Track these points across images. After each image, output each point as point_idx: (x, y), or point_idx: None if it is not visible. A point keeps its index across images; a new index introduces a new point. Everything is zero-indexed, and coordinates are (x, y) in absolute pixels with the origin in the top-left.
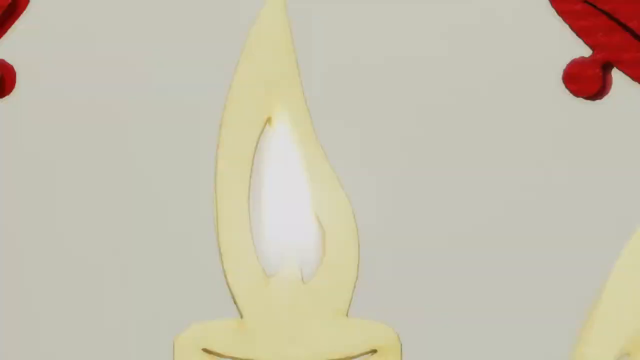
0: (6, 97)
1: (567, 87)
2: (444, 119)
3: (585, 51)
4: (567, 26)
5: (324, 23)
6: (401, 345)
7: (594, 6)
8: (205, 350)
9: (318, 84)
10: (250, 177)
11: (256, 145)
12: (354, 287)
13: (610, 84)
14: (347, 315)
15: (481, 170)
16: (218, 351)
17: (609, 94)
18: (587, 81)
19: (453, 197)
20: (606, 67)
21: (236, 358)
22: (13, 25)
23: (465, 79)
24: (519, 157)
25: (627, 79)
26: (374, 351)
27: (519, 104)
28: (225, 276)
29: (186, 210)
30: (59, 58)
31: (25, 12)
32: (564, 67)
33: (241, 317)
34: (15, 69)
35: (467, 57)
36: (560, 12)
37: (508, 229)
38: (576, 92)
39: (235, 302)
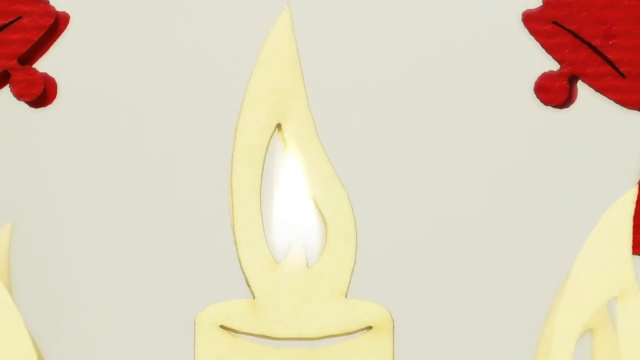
0: (48, 105)
1: (538, 96)
2: (432, 123)
3: (553, 65)
4: (538, 44)
5: (325, 41)
6: (393, 322)
7: (562, 26)
8: (222, 327)
9: (320, 93)
10: (262, 176)
11: (266, 148)
12: (352, 271)
13: (576, 94)
14: (345, 296)
15: (462, 167)
16: (233, 327)
17: (575, 103)
18: (555, 92)
19: (437, 193)
20: (572, 80)
21: (249, 333)
22: (55, 43)
23: (451, 89)
24: (495, 156)
25: (591, 90)
26: (369, 328)
27: (497, 110)
28: (240, 262)
29: (206, 206)
30: (95, 71)
31: (65, 30)
32: (535, 79)
33: (253, 297)
34: (57, 81)
35: (453, 69)
36: (532, 32)
37: (488, 219)
38: (546, 102)
39: (248, 285)
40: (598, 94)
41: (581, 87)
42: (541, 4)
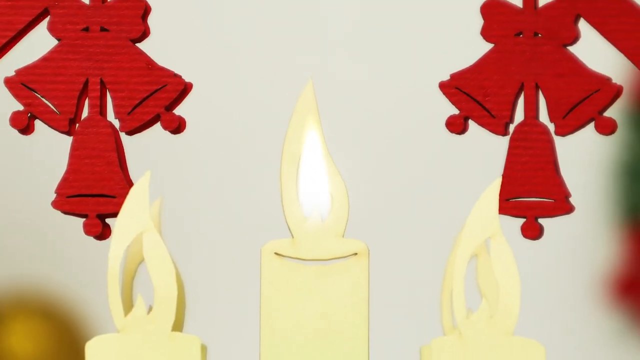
0: (181, 133)
1: (447, 128)
2: (390, 142)
3: (456, 111)
4: (447, 100)
5: (330, 98)
6: (369, 251)
7: (460, 90)
8: (276, 253)
9: (329, 124)
10: (297, 170)
11: (301, 153)
12: (346, 223)
13: (468, 127)
14: (343, 236)
15: (411, 166)
16: (282, 254)
17: (468, 131)
18: (457, 125)
19: (395, 183)
20: (466, 119)
21: (290, 257)
22: (184, 99)
23: (404, 125)
24: (428, 157)
25: (476, 125)
26: (355, 254)
27: (427, 134)
28: (285, 218)
29: (268, 186)
30: (205, 113)
31: (190, 91)
32: (446, 118)
33: (292, 237)
34: (186, 119)
35: (407, 115)
36: (444, 93)
37: (425, 196)
38: (452, 131)
39: (290, 231)
40: (480, 127)
41: (471, 124)
42: (449, 78)
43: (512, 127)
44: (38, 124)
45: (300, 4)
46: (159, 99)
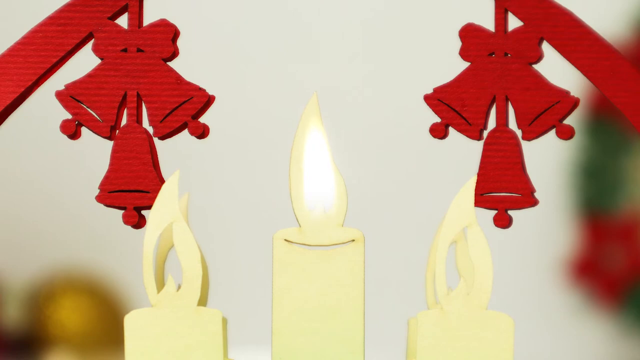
0: (205, 138)
1: (431, 134)
2: (383, 146)
3: (438, 119)
4: (431, 110)
5: (331, 109)
6: (364, 237)
7: (442, 102)
8: (286, 240)
9: (331, 131)
10: (303, 170)
11: (306, 156)
12: (345, 214)
13: (448, 132)
14: (342, 225)
15: (397, 165)
16: (291, 240)
17: (448, 136)
18: (439, 131)
19: (387, 179)
20: (447, 126)
21: (298, 243)
22: (209, 108)
23: (392, 130)
24: (413, 161)
25: (455, 131)
26: (353, 240)
27: (413, 140)
28: (294, 211)
29: (279, 183)
30: (226, 120)
31: (213, 102)
32: (430, 125)
33: (300, 226)
34: (209, 126)
35: (401, 124)
36: (428, 104)
37: (410, 191)
38: (435, 136)
39: (297, 221)
40: (459, 133)
41: (451, 130)
42: (432, 91)
43: (485, 133)
44: (84, 130)
45: (306, 30)
46: (187, 109)
